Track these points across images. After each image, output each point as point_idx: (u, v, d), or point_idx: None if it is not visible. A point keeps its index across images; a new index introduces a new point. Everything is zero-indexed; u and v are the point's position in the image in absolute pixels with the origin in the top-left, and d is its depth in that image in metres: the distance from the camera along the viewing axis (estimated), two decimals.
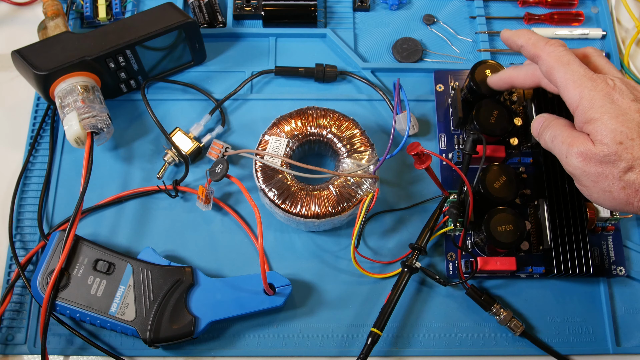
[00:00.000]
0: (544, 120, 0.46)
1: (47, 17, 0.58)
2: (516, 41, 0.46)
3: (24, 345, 0.50)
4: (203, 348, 0.50)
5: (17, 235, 0.54)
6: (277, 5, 0.61)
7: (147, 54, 0.56)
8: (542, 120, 0.46)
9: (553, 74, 0.42)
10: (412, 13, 0.64)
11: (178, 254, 0.53)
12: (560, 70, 0.42)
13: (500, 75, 0.50)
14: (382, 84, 0.60)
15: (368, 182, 0.51)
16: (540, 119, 0.46)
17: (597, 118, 0.39)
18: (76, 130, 0.50)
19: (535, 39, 0.44)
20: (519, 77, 0.48)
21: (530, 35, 0.45)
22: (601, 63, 0.45)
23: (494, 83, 0.51)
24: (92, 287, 0.48)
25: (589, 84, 0.40)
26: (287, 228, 0.54)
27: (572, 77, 0.41)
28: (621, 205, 0.40)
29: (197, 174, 0.56)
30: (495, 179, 0.50)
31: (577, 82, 0.41)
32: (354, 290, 0.52)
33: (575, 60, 0.42)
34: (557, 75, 0.42)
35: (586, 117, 0.40)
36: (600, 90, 0.40)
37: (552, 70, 0.42)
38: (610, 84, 0.40)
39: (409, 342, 0.51)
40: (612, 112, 0.39)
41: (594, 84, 0.40)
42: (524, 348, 0.51)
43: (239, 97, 0.60)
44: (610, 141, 0.39)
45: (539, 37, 0.45)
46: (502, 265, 0.51)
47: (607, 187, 0.40)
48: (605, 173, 0.40)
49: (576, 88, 0.41)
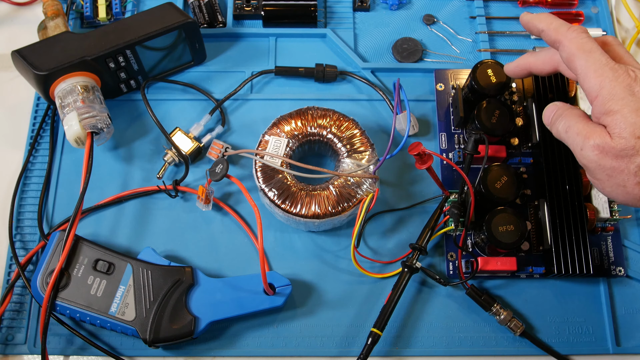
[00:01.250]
0: (557, 109, 0.44)
1: (47, 17, 0.58)
2: (537, 25, 0.44)
3: (24, 345, 0.50)
4: (203, 348, 0.50)
5: (17, 235, 0.54)
6: (277, 5, 0.61)
7: (147, 54, 0.56)
8: (554, 108, 0.45)
9: (574, 62, 0.41)
10: (412, 13, 0.64)
11: (178, 254, 0.53)
12: (582, 58, 0.40)
13: (517, 62, 0.49)
14: (382, 84, 0.60)
15: (368, 182, 0.51)
16: (552, 107, 0.45)
17: (616, 110, 0.38)
18: (76, 130, 0.50)
19: (557, 23, 0.43)
20: (537, 63, 0.47)
21: (551, 20, 0.43)
22: (621, 52, 0.43)
23: (511, 71, 0.50)
24: (92, 287, 0.48)
25: (610, 74, 0.39)
26: (287, 228, 0.54)
27: (593, 66, 0.40)
28: (634, 201, 0.40)
29: (197, 174, 0.56)
30: (496, 179, 0.50)
31: (598, 71, 0.40)
32: (354, 290, 0.52)
33: (598, 48, 0.41)
34: (578, 63, 0.41)
35: (605, 108, 0.39)
36: (621, 81, 0.39)
37: (573, 57, 0.41)
38: (632, 75, 0.39)
39: (409, 342, 0.51)
40: (632, 105, 0.38)
41: (615, 75, 0.39)
42: (524, 348, 0.51)
43: (239, 97, 0.60)
44: (629, 135, 0.38)
45: (560, 22, 0.43)
46: (502, 266, 0.51)
47: (622, 182, 0.39)
48: (620, 167, 0.39)
49: (597, 77, 0.39)
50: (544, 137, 0.53)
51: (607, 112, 0.39)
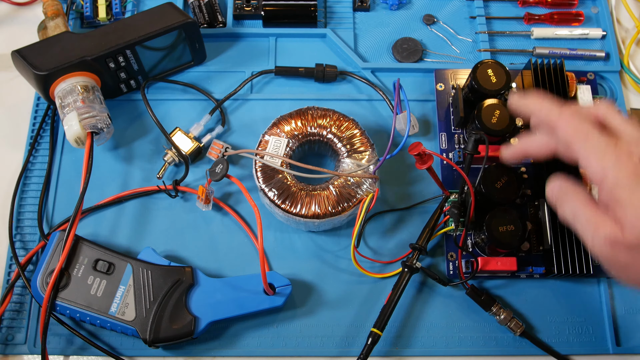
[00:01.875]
0: (560, 189, 0.42)
1: (47, 17, 0.58)
2: (526, 109, 0.43)
3: (24, 345, 0.50)
4: (203, 348, 0.50)
5: (17, 235, 0.54)
6: (277, 5, 0.61)
7: (147, 54, 0.56)
8: (557, 187, 0.42)
9: (572, 148, 0.39)
10: (412, 13, 0.64)
11: (178, 254, 0.53)
12: (580, 145, 0.38)
13: (513, 149, 0.46)
14: (382, 84, 0.60)
15: (368, 182, 0.51)
16: (555, 185, 0.42)
17: (624, 200, 0.36)
18: (76, 130, 0.50)
19: (547, 107, 0.41)
20: (533, 148, 0.44)
21: (541, 104, 0.42)
22: (617, 123, 0.40)
23: (507, 158, 0.47)
24: (92, 287, 0.48)
25: (612, 160, 0.37)
26: (287, 228, 0.54)
27: (593, 152, 0.38)
28: None
29: (197, 174, 0.56)
30: (496, 179, 0.50)
31: (599, 157, 0.37)
32: (354, 290, 0.52)
33: (593, 131, 0.38)
34: (577, 149, 0.39)
35: (612, 197, 0.37)
36: (625, 167, 0.37)
37: (570, 144, 0.39)
38: (635, 158, 0.37)
39: (409, 342, 0.51)
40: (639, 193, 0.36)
41: (617, 160, 0.37)
42: (524, 348, 0.51)
43: (239, 97, 0.60)
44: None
45: (550, 105, 0.41)
46: (502, 266, 0.51)
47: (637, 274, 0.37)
48: (635, 261, 0.36)
49: (599, 164, 0.37)
50: None
51: (614, 201, 0.37)
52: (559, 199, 0.42)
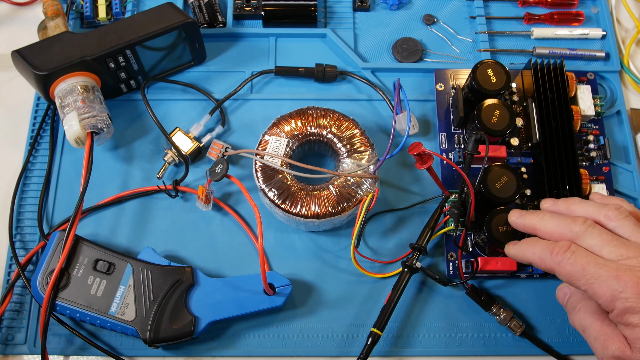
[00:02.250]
0: (570, 297, 0.44)
1: (47, 17, 0.58)
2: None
3: (24, 345, 0.50)
4: (203, 348, 0.50)
5: (17, 235, 0.54)
6: (277, 5, 0.61)
7: (147, 54, 0.56)
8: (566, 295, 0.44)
9: (575, 284, 0.40)
10: (412, 13, 0.64)
11: (178, 254, 0.53)
12: (580, 280, 0.39)
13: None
14: (382, 84, 0.60)
15: (368, 182, 0.51)
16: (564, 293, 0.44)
17: (631, 323, 0.37)
18: (76, 130, 0.50)
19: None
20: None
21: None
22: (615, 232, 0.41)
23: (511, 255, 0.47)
24: (92, 287, 0.48)
25: (615, 286, 0.37)
26: (287, 228, 0.54)
27: (595, 282, 0.38)
28: None
29: (197, 174, 0.56)
30: (496, 179, 0.50)
31: (602, 285, 0.38)
32: (354, 290, 0.52)
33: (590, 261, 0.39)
34: (579, 284, 0.40)
35: (622, 320, 0.38)
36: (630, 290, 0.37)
37: (571, 282, 0.40)
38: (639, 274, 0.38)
39: (409, 342, 0.51)
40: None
41: (621, 284, 0.37)
42: (524, 348, 0.51)
43: (239, 97, 0.60)
44: None
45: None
46: (502, 266, 0.51)
47: None
48: None
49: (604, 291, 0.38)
50: (544, 137, 0.53)
51: (624, 324, 0.38)
52: (568, 308, 0.44)
